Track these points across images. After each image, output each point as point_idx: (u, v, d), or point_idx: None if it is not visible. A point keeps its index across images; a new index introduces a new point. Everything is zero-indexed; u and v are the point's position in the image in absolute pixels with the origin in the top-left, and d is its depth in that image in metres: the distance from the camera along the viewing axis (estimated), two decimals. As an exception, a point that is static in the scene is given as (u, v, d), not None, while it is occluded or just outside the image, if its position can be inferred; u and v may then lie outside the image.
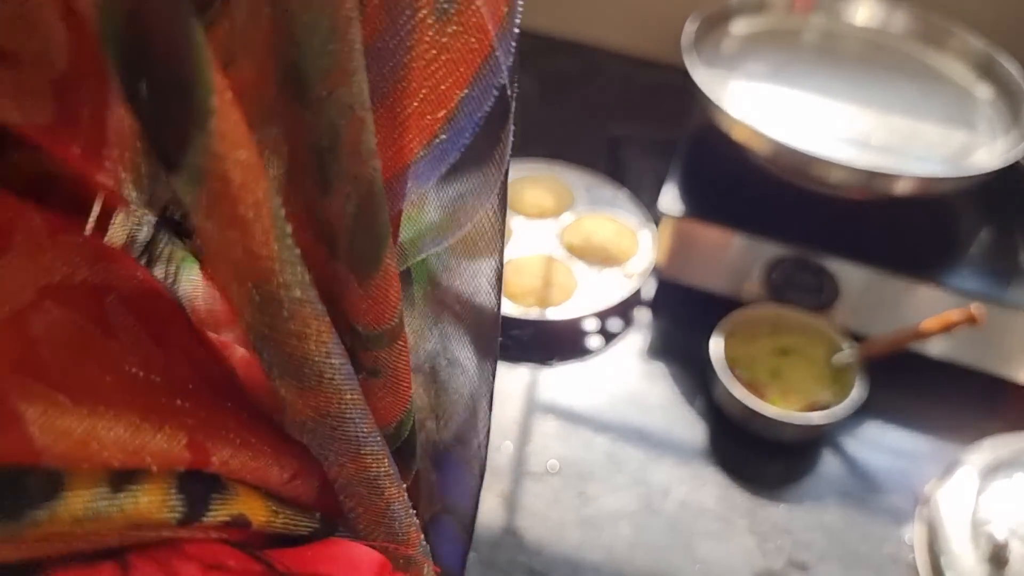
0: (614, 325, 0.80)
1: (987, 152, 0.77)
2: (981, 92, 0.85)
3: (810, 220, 0.77)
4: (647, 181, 0.92)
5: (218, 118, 0.17)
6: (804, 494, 0.68)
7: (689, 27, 0.82)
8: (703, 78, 0.77)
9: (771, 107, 0.79)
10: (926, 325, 0.68)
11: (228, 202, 0.18)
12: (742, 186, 0.80)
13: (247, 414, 0.24)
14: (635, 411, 0.73)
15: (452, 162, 0.26)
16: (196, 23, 0.17)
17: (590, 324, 0.80)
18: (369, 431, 0.24)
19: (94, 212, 0.26)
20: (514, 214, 0.86)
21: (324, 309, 0.21)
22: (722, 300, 0.78)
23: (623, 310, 0.81)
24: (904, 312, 0.74)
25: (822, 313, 0.75)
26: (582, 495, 0.66)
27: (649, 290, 0.83)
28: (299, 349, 0.21)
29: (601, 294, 0.78)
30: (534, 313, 0.76)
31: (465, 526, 0.36)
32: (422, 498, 0.34)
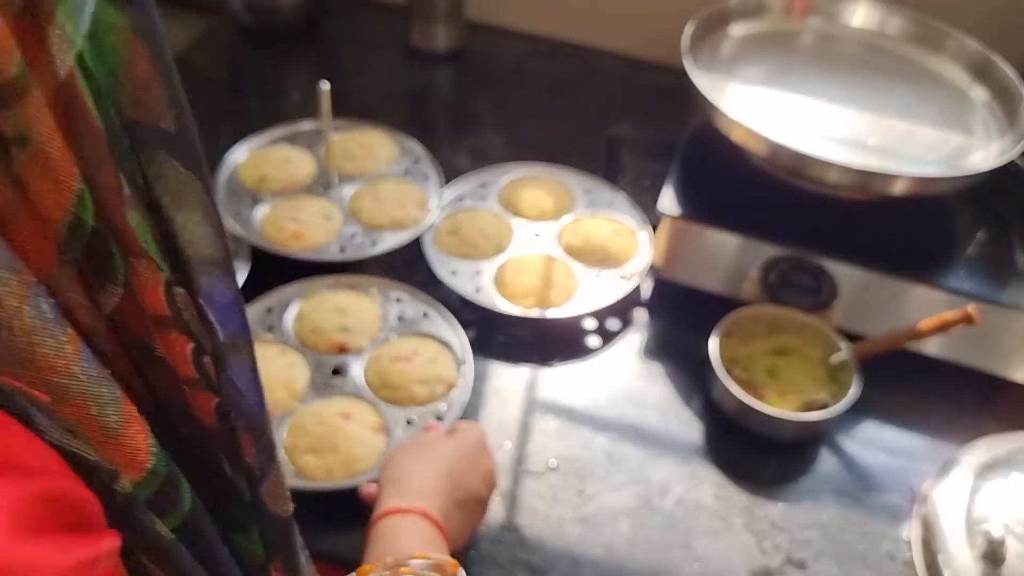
0: (613, 325, 0.81)
1: (983, 154, 0.78)
2: (977, 94, 0.86)
3: (807, 221, 0.78)
4: (646, 182, 0.93)
5: None
6: (802, 493, 0.68)
7: (688, 30, 0.83)
8: (702, 80, 0.77)
9: (769, 109, 0.80)
10: (923, 325, 0.68)
11: None
12: (740, 187, 0.81)
13: None
14: (634, 410, 0.73)
15: None
16: None
17: (589, 324, 0.81)
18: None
19: None
20: (514, 215, 0.86)
21: None
22: (720, 300, 0.78)
23: (622, 310, 0.82)
24: (901, 312, 0.74)
25: (819, 313, 0.76)
26: (581, 493, 0.66)
27: (648, 290, 0.84)
28: None
29: (600, 294, 0.79)
30: (534, 313, 0.76)
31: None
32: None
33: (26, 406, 0.24)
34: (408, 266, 0.81)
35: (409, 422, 0.67)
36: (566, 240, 0.84)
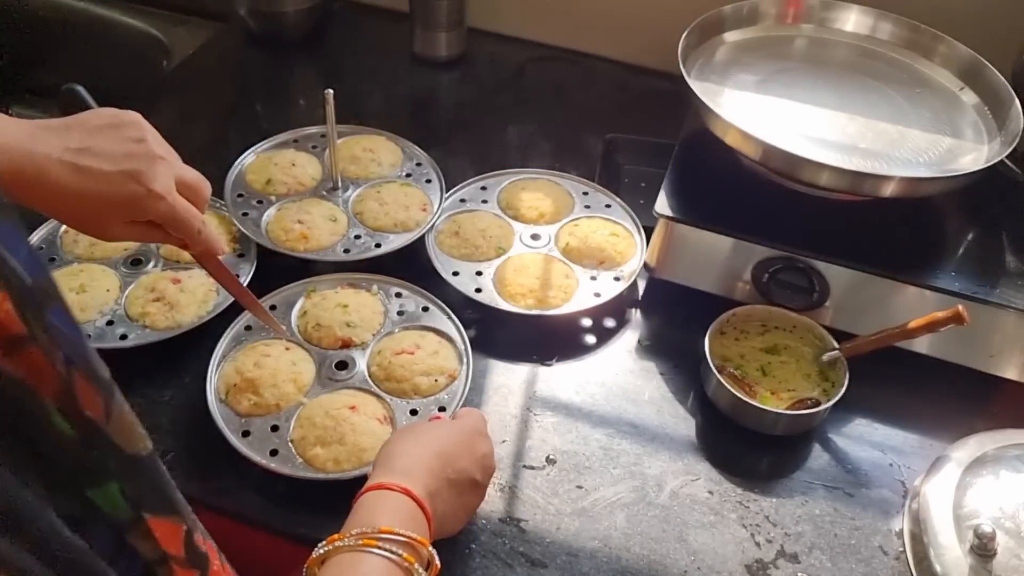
0: (610, 324, 0.82)
1: (973, 157, 0.79)
2: (967, 98, 0.87)
3: (800, 223, 0.79)
4: (642, 185, 0.94)
5: None
6: (794, 488, 0.69)
7: (684, 36, 0.84)
8: (697, 85, 0.79)
9: (763, 113, 0.82)
10: (913, 324, 0.70)
11: None
12: (735, 190, 0.83)
13: None
14: (630, 407, 0.75)
15: None
16: None
17: (587, 323, 0.82)
18: None
19: None
20: (514, 218, 0.88)
21: None
22: (714, 300, 0.80)
23: (619, 310, 0.83)
24: (891, 312, 0.76)
25: (811, 313, 0.77)
26: (579, 487, 0.68)
27: (644, 290, 0.85)
28: None
29: (598, 294, 0.80)
30: (533, 312, 0.78)
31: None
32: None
33: None
34: (411, 267, 0.82)
35: (413, 413, 0.69)
36: (564, 241, 0.85)
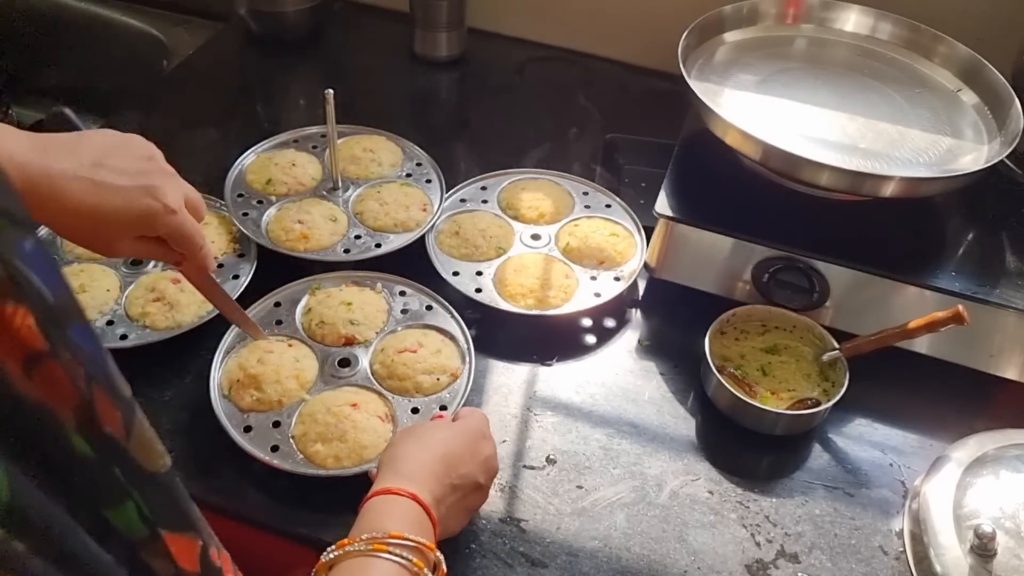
0: (610, 324, 0.82)
1: (973, 157, 0.79)
2: (967, 98, 0.87)
3: (800, 223, 0.79)
4: (642, 185, 0.94)
5: None
6: (794, 487, 0.69)
7: (684, 36, 0.84)
8: (697, 85, 0.79)
9: (763, 113, 0.82)
10: (913, 324, 0.70)
11: None
12: (735, 190, 0.83)
13: None
14: (630, 407, 0.75)
15: None
16: None
17: (587, 323, 0.82)
18: None
19: None
20: (514, 218, 0.88)
21: None
22: (714, 300, 0.80)
23: (619, 310, 0.83)
24: (892, 312, 0.76)
25: (811, 313, 0.77)
26: (579, 487, 0.68)
27: (644, 290, 0.86)
28: None
29: (598, 294, 0.80)
30: (533, 312, 0.78)
31: None
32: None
33: None
34: (411, 267, 0.82)
35: (415, 411, 0.69)
36: (565, 242, 0.85)
